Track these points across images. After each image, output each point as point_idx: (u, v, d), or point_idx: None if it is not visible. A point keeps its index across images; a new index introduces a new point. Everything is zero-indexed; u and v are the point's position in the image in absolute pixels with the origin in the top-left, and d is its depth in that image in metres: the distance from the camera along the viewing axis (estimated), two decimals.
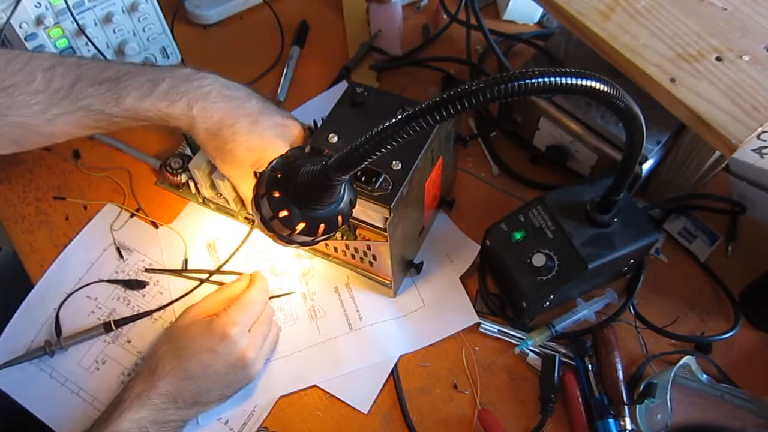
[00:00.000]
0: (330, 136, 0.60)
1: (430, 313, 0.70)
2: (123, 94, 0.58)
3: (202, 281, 0.71)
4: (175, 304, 0.70)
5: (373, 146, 0.39)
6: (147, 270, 0.73)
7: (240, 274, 0.71)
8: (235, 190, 0.69)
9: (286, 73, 0.88)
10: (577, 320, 0.68)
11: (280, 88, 0.87)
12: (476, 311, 0.69)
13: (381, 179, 0.56)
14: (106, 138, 0.81)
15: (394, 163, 0.57)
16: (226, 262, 0.72)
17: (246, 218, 0.74)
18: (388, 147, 0.38)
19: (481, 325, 0.68)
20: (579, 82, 0.38)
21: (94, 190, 0.79)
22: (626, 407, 0.62)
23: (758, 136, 0.58)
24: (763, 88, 0.58)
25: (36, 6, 0.66)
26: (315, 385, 0.66)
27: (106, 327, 0.68)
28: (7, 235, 0.76)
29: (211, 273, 0.72)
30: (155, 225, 0.76)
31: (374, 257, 0.66)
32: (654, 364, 0.66)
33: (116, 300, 0.71)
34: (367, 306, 0.70)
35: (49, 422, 0.64)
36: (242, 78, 0.87)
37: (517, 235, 0.65)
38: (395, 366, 0.67)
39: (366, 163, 0.40)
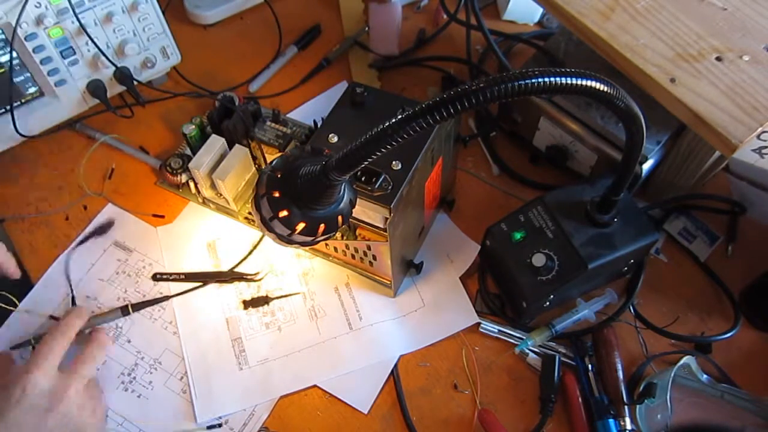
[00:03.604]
0: (330, 136, 0.60)
1: (430, 313, 0.70)
2: None
3: (206, 281, 0.72)
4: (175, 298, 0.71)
5: (373, 146, 0.39)
6: (155, 278, 0.72)
7: (243, 274, 0.72)
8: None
9: (269, 68, 0.89)
10: (577, 320, 0.68)
11: (254, 81, 0.88)
12: (476, 311, 0.69)
13: (381, 179, 0.56)
14: (107, 138, 0.81)
15: (394, 163, 0.57)
16: (238, 264, 0.73)
17: (246, 218, 0.74)
18: (388, 147, 0.38)
19: (481, 325, 0.68)
20: (579, 82, 0.38)
21: (94, 190, 0.79)
22: (626, 407, 0.62)
23: (758, 136, 0.58)
24: (763, 88, 0.58)
25: (36, 6, 0.66)
26: (315, 385, 0.66)
27: (123, 311, 0.69)
28: (7, 235, 0.76)
29: (220, 275, 0.72)
30: (155, 225, 0.76)
31: (374, 257, 0.66)
32: (654, 364, 0.66)
33: (117, 300, 0.71)
34: (367, 306, 0.70)
35: None
36: (241, 77, 0.88)
37: (517, 235, 0.65)
38: (395, 366, 0.67)
39: (366, 163, 0.40)
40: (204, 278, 0.72)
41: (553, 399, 0.64)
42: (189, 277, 0.72)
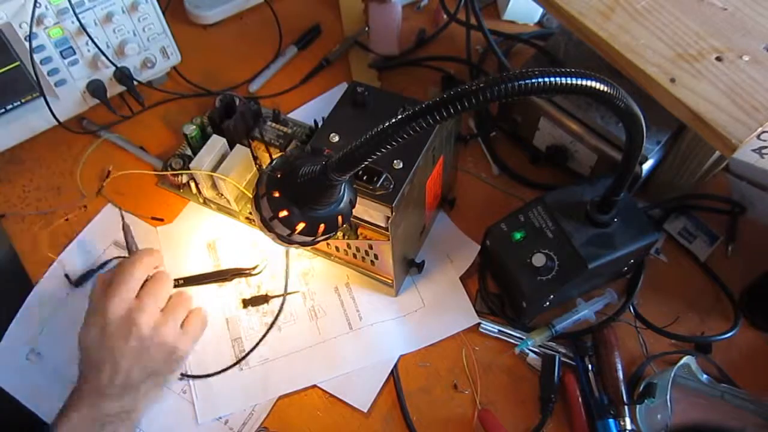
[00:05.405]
0: (331, 135, 0.60)
1: (430, 313, 0.70)
2: None
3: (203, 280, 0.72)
4: None
5: (373, 146, 0.39)
6: None
7: (241, 269, 0.72)
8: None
9: (269, 68, 0.89)
10: (577, 320, 0.68)
11: (254, 81, 0.88)
12: (476, 311, 0.69)
13: (383, 178, 0.56)
14: (108, 137, 0.81)
15: (395, 162, 0.57)
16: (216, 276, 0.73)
17: (247, 218, 0.74)
18: (389, 147, 0.38)
19: (481, 325, 0.68)
20: (579, 82, 0.38)
21: (94, 190, 0.79)
22: (626, 407, 0.62)
23: (758, 136, 0.58)
24: (763, 88, 0.58)
25: (36, 6, 0.66)
26: (315, 385, 0.66)
27: None
28: (7, 235, 0.76)
29: (218, 274, 0.72)
30: (155, 225, 0.76)
31: (376, 256, 0.66)
32: (654, 364, 0.66)
33: None
34: (367, 306, 0.70)
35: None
36: (241, 77, 0.88)
37: (517, 235, 0.65)
38: (395, 366, 0.67)
39: (365, 163, 0.40)
40: (202, 280, 0.72)
41: (553, 399, 0.64)
42: (188, 281, 0.72)
